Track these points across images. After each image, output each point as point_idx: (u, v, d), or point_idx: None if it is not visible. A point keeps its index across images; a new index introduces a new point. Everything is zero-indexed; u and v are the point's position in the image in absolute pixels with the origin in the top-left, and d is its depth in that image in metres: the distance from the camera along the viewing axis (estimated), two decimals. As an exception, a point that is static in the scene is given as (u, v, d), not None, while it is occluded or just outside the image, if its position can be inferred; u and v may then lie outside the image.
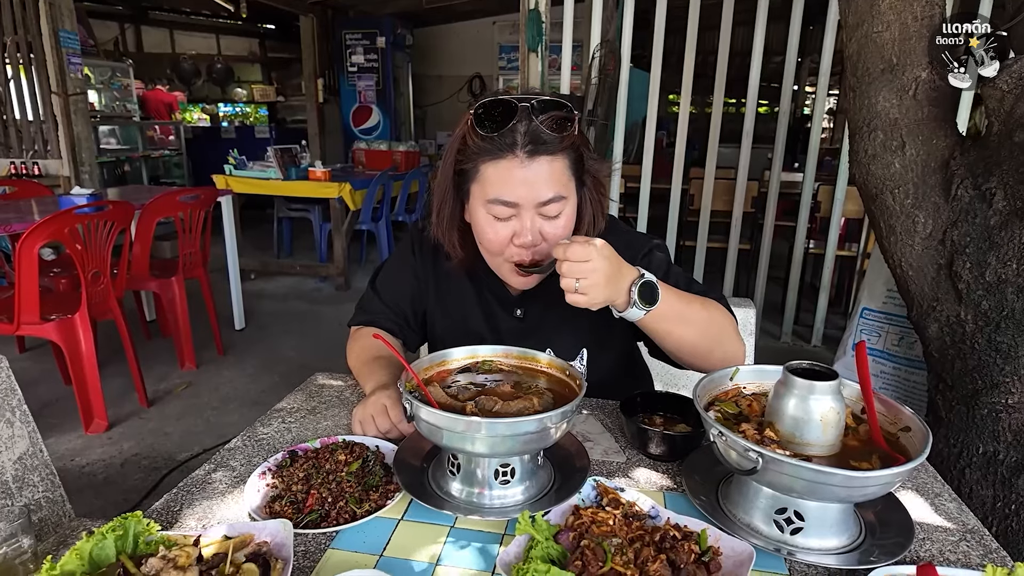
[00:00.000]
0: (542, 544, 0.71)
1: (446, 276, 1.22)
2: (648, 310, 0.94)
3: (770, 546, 0.75)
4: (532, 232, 1.00)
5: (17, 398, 1.18)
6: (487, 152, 0.98)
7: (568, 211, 1.04)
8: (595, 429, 1.07)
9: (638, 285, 0.93)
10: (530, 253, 1.03)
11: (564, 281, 0.90)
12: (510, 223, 1.01)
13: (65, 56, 4.65)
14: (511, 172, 0.97)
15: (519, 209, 1.00)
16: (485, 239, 1.05)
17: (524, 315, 1.19)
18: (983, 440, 1.64)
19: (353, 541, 0.77)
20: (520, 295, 1.19)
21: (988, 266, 1.59)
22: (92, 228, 2.62)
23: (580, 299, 0.90)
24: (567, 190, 1.02)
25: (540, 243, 1.02)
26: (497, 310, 1.20)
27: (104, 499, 2.30)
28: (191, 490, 0.87)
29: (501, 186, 0.98)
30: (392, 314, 1.24)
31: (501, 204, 0.99)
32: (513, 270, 1.07)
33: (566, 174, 1.01)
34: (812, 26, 5.80)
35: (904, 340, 2.23)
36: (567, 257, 0.88)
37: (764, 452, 0.70)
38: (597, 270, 0.89)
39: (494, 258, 1.08)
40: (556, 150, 0.98)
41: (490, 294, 1.20)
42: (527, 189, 0.98)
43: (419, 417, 0.80)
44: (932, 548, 0.78)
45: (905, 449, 0.77)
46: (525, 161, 0.97)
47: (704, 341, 1.04)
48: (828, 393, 0.76)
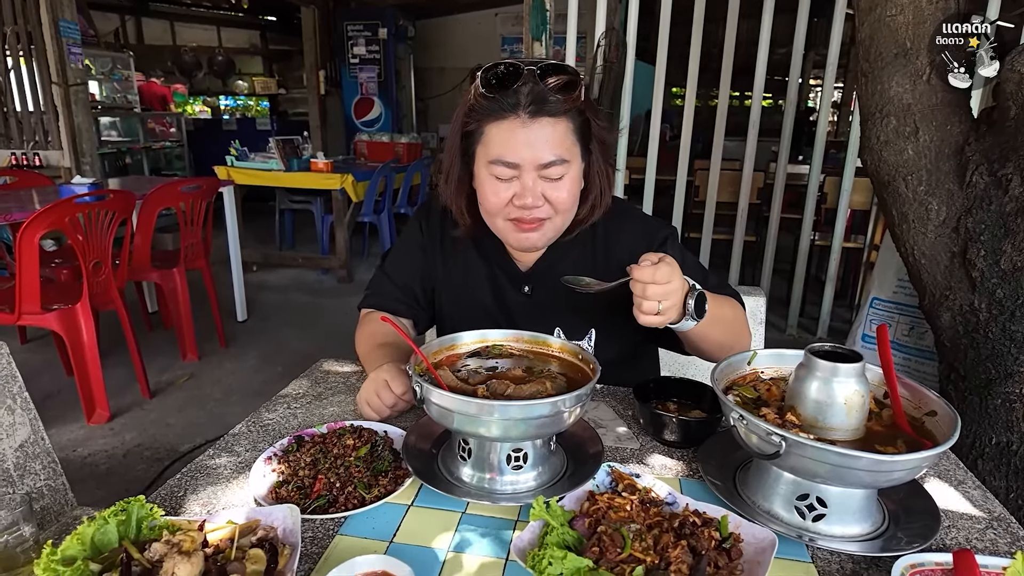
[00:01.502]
0: (557, 530, 0.69)
1: (454, 252, 1.21)
2: (698, 321, 0.92)
3: (791, 533, 0.73)
4: (533, 194, 1.00)
5: (18, 385, 1.16)
6: (491, 112, 0.99)
7: (572, 175, 1.03)
8: (607, 415, 1.05)
9: (694, 297, 0.90)
10: (530, 213, 1.02)
11: (648, 304, 0.86)
12: (511, 185, 1.01)
13: (65, 46, 4.60)
14: (513, 132, 0.98)
15: (520, 171, 0.99)
16: (487, 201, 1.05)
17: (532, 292, 1.17)
18: (996, 430, 1.62)
19: (362, 527, 0.74)
20: (529, 272, 1.17)
21: (1003, 254, 1.56)
22: (93, 217, 2.60)
23: (657, 320, 0.88)
24: (570, 154, 1.01)
25: (541, 205, 1.01)
26: (505, 285, 1.19)
27: (106, 489, 2.29)
28: (195, 476, 0.85)
29: (503, 146, 0.99)
30: (401, 294, 1.23)
31: (503, 165, 0.99)
32: (511, 226, 1.05)
33: (570, 138, 1.01)
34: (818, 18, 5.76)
35: (915, 330, 2.20)
36: (655, 280, 0.85)
37: (788, 436, 0.68)
38: (677, 290, 0.87)
39: (494, 219, 1.07)
40: (559, 112, 0.98)
41: (499, 269, 1.19)
42: (529, 150, 0.98)
43: (430, 400, 0.77)
44: (958, 536, 0.76)
45: (931, 434, 0.75)
46: (527, 122, 0.97)
47: (728, 339, 1.05)
48: (852, 376, 0.74)
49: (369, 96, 7.96)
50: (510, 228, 1.06)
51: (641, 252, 1.11)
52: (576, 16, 3.54)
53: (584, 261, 1.15)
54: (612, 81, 3.63)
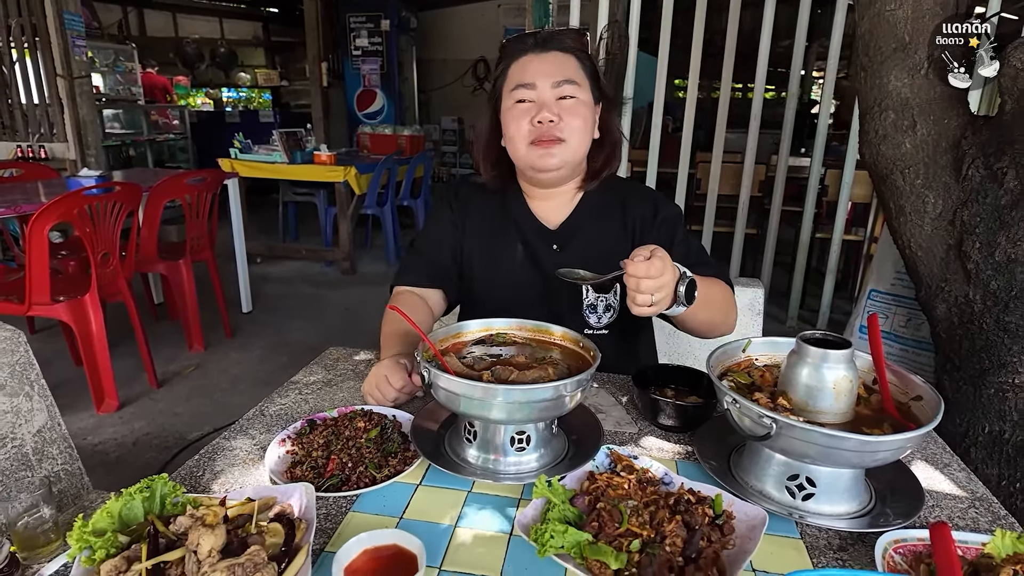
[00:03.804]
0: (559, 507, 0.72)
1: (484, 220, 1.29)
2: (688, 307, 0.96)
3: (783, 511, 0.77)
4: (549, 108, 1.11)
5: (35, 372, 1.20)
6: (512, 54, 1.17)
7: (583, 99, 1.14)
8: (607, 402, 1.08)
9: (684, 284, 0.94)
10: (548, 131, 1.12)
11: (642, 297, 0.90)
12: (530, 109, 1.13)
13: (70, 38, 4.62)
14: (529, 62, 1.14)
15: (537, 91, 1.12)
16: (511, 127, 1.16)
17: (561, 248, 1.24)
18: (989, 419, 1.65)
19: (373, 504, 0.78)
20: (557, 231, 1.25)
21: (998, 246, 1.58)
22: (101, 209, 2.63)
23: (650, 310, 0.92)
24: (580, 80, 1.14)
25: (558, 122, 1.12)
26: (536, 243, 1.25)
27: (117, 476, 2.33)
28: (212, 457, 0.89)
29: (521, 72, 1.14)
30: (432, 268, 1.29)
31: (522, 87, 1.13)
32: (533, 149, 1.14)
33: (580, 71, 1.15)
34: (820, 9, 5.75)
35: (911, 322, 2.23)
36: (649, 275, 0.88)
37: (778, 418, 0.71)
38: (669, 281, 0.91)
39: (517, 146, 1.16)
40: (568, 48, 1.15)
41: (529, 231, 1.26)
42: (543, 71, 1.12)
43: (437, 385, 0.81)
44: (941, 514, 0.80)
45: (916, 417, 0.78)
46: (541, 53, 1.14)
47: (715, 318, 1.13)
48: (841, 362, 0.77)
49: (371, 88, 7.97)
50: (532, 151, 1.14)
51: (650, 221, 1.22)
52: (579, 7, 3.54)
53: (604, 224, 1.25)
54: (614, 74, 3.64)
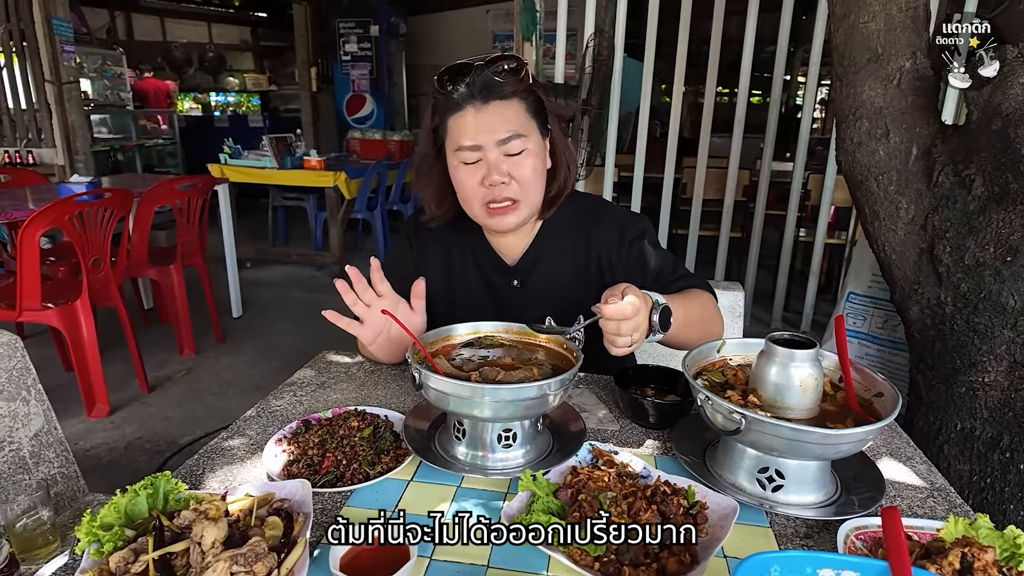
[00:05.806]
0: (543, 499, 0.77)
1: (442, 257, 1.29)
2: (664, 333, 0.99)
3: (754, 502, 0.81)
4: (498, 170, 1.08)
5: (32, 377, 1.22)
6: (449, 107, 1.10)
7: (532, 150, 1.11)
8: (590, 401, 1.13)
9: (658, 313, 0.97)
10: (500, 193, 1.10)
11: (622, 339, 0.92)
12: (479, 168, 1.09)
13: (58, 44, 4.63)
14: (469, 120, 1.08)
15: (483, 151, 1.08)
16: (461, 187, 1.13)
17: (521, 284, 1.25)
18: (961, 417, 1.72)
19: (367, 499, 0.82)
20: (516, 265, 1.25)
21: (967, 250, 1.65)
22: (92, 215, 2.65)
23: (630, 349, 0.94)
24: (526, 130, 1.10)
25: (509, 183, 1.09)
26: (495, 280, 1.26)
27: (110, 480, 2.35)
28: (211, 456, 0.92)
29: (462, 134, 1.08)
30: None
31: (466, 149, 1.08)
32: (486, 211, 1.13)
33: (524, 116, 1.10)
34: (804, 16, 5.85)
35: (888, 323, 2.30)
36: (626, 316, 0.91)
37: (747, 413, 0.76)
38: (645, 317, 0.94)
39: (471, 205, 1.14)
40: (508, 94, 1.08)
41: (488, 267, 1.27)
42: (486, 130, 1.07)
43: (427, 385, 0.85)
44: (902, 503, 0.85)
45: (878, 413, 0.83)
46: (481, 107, 1.07)
47: (698, 335, 1.12)
48: (807, 360, 0.82)
49: (361, 93, 8.00)
50: (485, 213, 1.13)
51: (617, 247, 1.19)
52: (566, 13, 3.60)
53: (565, 256, 1.24)
54: (601, 80, 3.71)
